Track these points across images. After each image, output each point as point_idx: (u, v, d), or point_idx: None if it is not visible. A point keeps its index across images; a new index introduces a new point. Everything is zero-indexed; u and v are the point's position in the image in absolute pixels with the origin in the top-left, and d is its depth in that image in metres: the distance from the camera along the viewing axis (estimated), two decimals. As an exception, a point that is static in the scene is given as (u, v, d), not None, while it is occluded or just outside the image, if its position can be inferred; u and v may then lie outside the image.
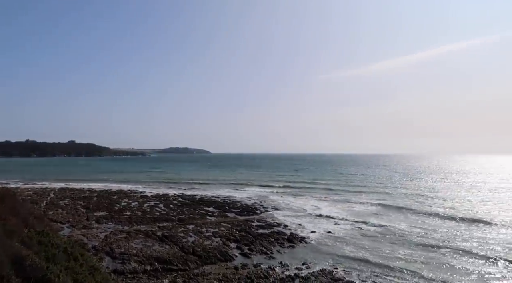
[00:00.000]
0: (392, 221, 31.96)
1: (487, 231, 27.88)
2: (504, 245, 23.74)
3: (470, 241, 24.81)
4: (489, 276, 17.93)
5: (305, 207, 40.88)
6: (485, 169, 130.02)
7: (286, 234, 27.02)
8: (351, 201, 44.23)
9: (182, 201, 44.51)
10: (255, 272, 18.19)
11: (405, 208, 38.62)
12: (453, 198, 47.07)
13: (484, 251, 22.16)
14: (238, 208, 39.10)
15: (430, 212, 36.06)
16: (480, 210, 37.78)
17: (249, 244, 23.69)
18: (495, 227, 29.23)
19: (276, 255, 21.75)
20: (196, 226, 29.33)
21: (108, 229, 27.76)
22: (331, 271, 18.54)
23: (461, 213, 35.24)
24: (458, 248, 22.86)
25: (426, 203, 42.46)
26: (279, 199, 47.33)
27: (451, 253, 21.98)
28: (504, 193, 53.18)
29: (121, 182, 72.78)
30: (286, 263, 19.82)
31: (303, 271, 18.63)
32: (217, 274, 17.78)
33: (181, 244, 23.15)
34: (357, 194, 51.58)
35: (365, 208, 39.44)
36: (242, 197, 48.76)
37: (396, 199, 45.93)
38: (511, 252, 22.14)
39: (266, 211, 38.02)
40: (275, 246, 23.70)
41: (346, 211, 37.84)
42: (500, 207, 39.96)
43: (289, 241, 24.98)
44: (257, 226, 30.02)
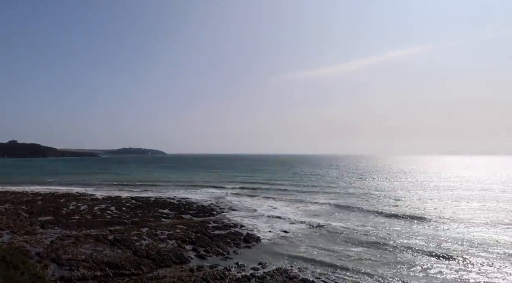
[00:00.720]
0: (344, 220, 33.10)
1: (429, 228, 29.70)
2: (445, 240, 25.42)
3: (414, 238, 26.27)
4: (433, 271, 19.06)
5: (261, 207, 41.21)
6: (430, 168, 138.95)
7: (242, 234, 27.05)
8: (305, 201, 45.22)
9: (136, 203, 43.05)
10: (211, 273, 18.01)
11: (356, 207, 40.05)
12: (399, 197, 49.70)
13: (427, 247, 23.57)
14: (194, 210, 38.54)
15: (377, 210, 37.70)
16: (422, 207, 40.18)
17: (205, 245, 23.42)
18: (436, 224, 31.15)
19: (233, 255, 21.69)
20: (150, 228, 28.48)
21: (54, 235, 26.12)
22: (286, 270, 18.81)
23: (405, 211, 37.21)
24: (404, 245, 24.10)
25: (374, 202, 44.43)
26: (236, 200, 47.33)
27: (397, 249, 23.16)
28: (445, 192, 57.09)
29: (69, 185, 68.94)
30: (242, 264, 19.82)
31: (259, 271, 18.74)
32: (172, 277, 17.38)
33: (134, 248, 22.35)
34: (311, 194, 52.93)
35: (319, 208, 40.51)
36: (198, 198, 48.15)
37: (347, 199, 47.64)
38: (452, 247, 23.78)
39: (223, 212, 37.84)
40: (232, 246, 23.64)
41: (301, 211, 38.68)
42: (440, 204, 42.79)
43: (246, 241, 25.03)
44: (214, 227, 29.78)
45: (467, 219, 32.52)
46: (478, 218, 33.08)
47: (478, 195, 51.09)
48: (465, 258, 20.87)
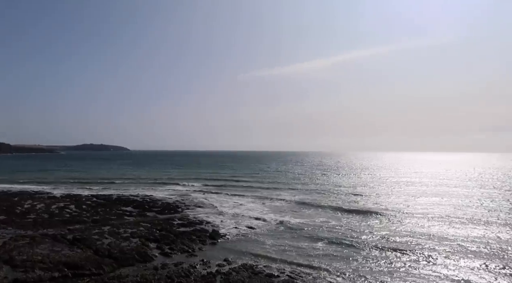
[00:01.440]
0: (308, 216, 33.76)
1: (388, 222, 30.82)
2: (403, 235, 26.44)
3: (374, 233, 27.16)
4: (393, 265, 19.81)
5: (226, 204, 41.19)
6: (392, 164, 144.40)
7: (208, 231, 26.91)
8: (271, 197, 45.70)
9: (97, 201, 41.59)
10: (176, 271, 17.78)
11: (320, 203, 40.96)
12: (360, 192, 51.28)
13: (386, 242, 24.49)
14: (158, 207, 37.83)
15: (340, 206, 38.61)
16: (381, 202, 41.69)
17: (170, 243, 23.07)
18: (394, 218, 32.28)
19: (198, 252, 21.53)
20: (112, 227, 27.63)
21: (7, 235, 24.67)
22: (252, 266, 18.93)
23: (365, 207, 38.51)
24: (365, 240, 24.92)
25: (337, 198, 45.57)
26: (201, 197, 46.99)
27: (359, 245, 23.83)
28: (404, 187, 59.63)
29: (23, 183, 65.32)
30: (207, 260, 19.73)
31: (225, 267, 18.74)
32: (135, 276, 16.98)
33: (95, 247, 21.60)
34: (277, 190, 53.58)
35: (284, 204, 41.04)
36: (163, 196, 47.33)
37: (311, 195, 48.59)
38: (411, 241, 24.80)
39: (188, 209, 37.43)
40: (197, 243, 23.45)
41: (267, 207, 39.05)
42: (399, 199, 44.59)
43: (211, 238, 24.93)
44: (179, 224, 29.41)
45: (423, 214, 34.00)
46: (433, 212, 34.67)
47: (434, 191, 53.76)
48: (422, 251, 21.80)
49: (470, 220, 30.82)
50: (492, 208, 37.51)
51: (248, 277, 17.26)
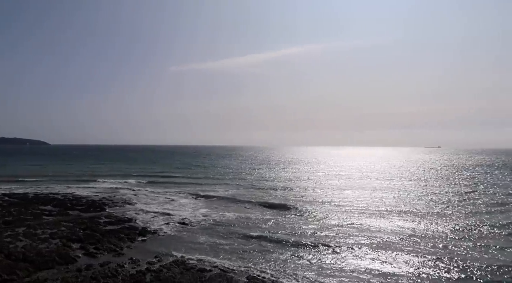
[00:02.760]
0: (240, 212, 34.07)
1: (316, 217, 31.88)
2: (327, 228, 27.57)
3: (299, 227, 28.07)
4: (315, 260, 20.66)
5: (158, 199, 40.04)
6: (320, 159, 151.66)
7: (137, 228, 25.91)
8: (204, 193, 45.29)
9: (10, 200, 37.62)
10: (102, 271, 16.85)
11: (251, 198, 41.26)
12: (290, 187, 53.20)
13: (311, 236, 25.47)
14: (83, 205, 35.41)
15: (268, 201, 38.84)
16: (308, 196, 43.79)
17: (96, 242, 21.75)
18: (319, 212, 33.75)
19: (126, 251, 20.63)
20: (28, 228, 25.22)
21: None
22: (183, 261, 18.69)
23: (293, 201, 39.73)
24: (291, 235, 25.77)
25: (268, 193, 46.08)
26: (131, 193, 45.02)
27: (286, 240, 24.42)
28: (332, 180, 63.20)
29: None
30: (137, 259, 19.00)
31: (155, 264, 18.23)
32: (55, 280, 15.74)
33: (7, 251, 19.54)
34: (209, 186, 53.26)
35: (216, 199, 40.93)
36: (88, 193, 44.38)
37: (243, 190, 49.14)
38: (335, 235, 26.13)
39: (116, 206, 35.64)
40: (126, 242, 22.45)
41: (200, 203, 38.79)
42: (324, 192, 47.16)
43: (141, 235, 24.06)
44: (105, 222, 27.86)
45: (349, 207, 35.90)
46: (358, 205, 36.66)
47: (358, 183, 57.67)
48: (347, 244, 22.65)
49: (391, 212, 32.78)
50: (410, 199, 40.64)
51: (179, 273, 17.00)
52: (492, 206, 35.78)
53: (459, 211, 32.91)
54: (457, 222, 28.16)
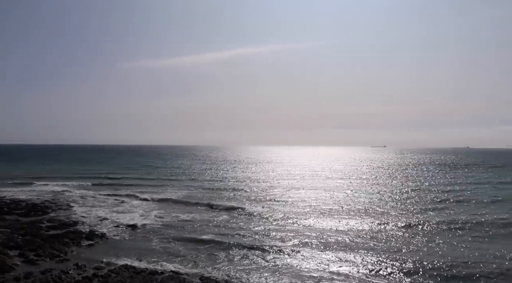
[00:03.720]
0: (191, 214, 32.83)
1: (265, 218, 30.67)
2: (275, 231, 26.72)
3: (250, 230, 27.52)
4: (261, 263, 20.39)
5: (106, 202, 38.39)
6: (272, 158, 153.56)
7: (84, 232, 24.62)
8: (154, 194, 43.96)
9: None
10: (44, 279, 15.79)
11: (203, 200, 39.55)
12: (241, 188, 52.95)
13: (260, 240, 24.88)
14: (22, 209, 32.95)
15: (220, 204, 37.39)
16: (260, 197, 43.96)
17: (37, 248, 20.30)
18: (271, 215, 32.37)
19: (72, 256, 19.50)
20: (-43, 235, 22.96)
21: None
22: (133, 265, 18.06)
23: (244, 203, 39.05)
24: (242, 238, 25.54)
25: (219, 194, 44.88)
26: (77, 195, 42.66)
27: (237, 244, 23.85)
28: (283, 180, 64.31)
29: None
30: (83, 264, 18.02)
31: (103, 269, 17.41)
32: (-11, 291, 14.49)
33: None
34: (160, 187, 51.70)
35: (167, 201, 39.71)
36: (29, 196, 41.36)
37: (195, 191, 47.85)
38: (279, 237, 25.98)
39: (60, 209, 33.61)
40: (71, 246, 21.23)
41: (150, 205, 37.75)
42: (277, 192, 47.92)
43: (88, 239, 22.89)
44: (48, 227, 26.15)
45: (298, 207, 36.23)
46: (308, 205, 36.91)
47: (309, 183, 59.21)
48: (294, 246, 22.47)
49: (343, 211, 33.34)
50: (360, 198, 41.78)
51: (129, 277, 16.39)
52: (436, 203, 38.14)
53: (407, 209, 34.60)
54: (406, 220, 29.38)
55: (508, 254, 20.15)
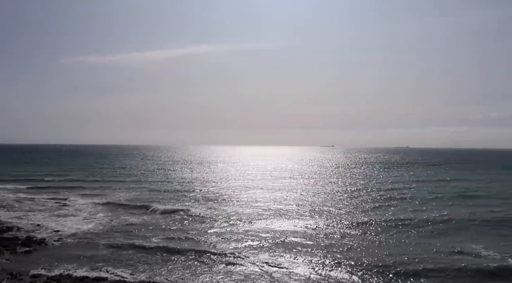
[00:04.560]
0: (139, 217, 31.48)
1: (215, 221, 29.54)
2: (210, 236, 25.83)
3: (197, 235, 27.43)
4: (202, 269, 20.12)
5: (47, 205, 35.76)
6: (231, 158, 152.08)
7: (20, 238, 22.62)
8: (100, 196, 41.71)
9: None
10: (-29, 292, 14.15)
11: (151, 203, 37.14)
12: (193, 189, 52.29)
13: (198, 244, 24.36)
14: None
15: (168, 207, 35.15)
16: (210, 198, 43.03)
17: (-37, 258, 18.24)
18: (220, 216, 31.36)
19: (6, 264, 17.77)
20: None
21: None
22: (75, 272, 16.85)
23: (199, 205, 38.19)
24: (190, 241, 23.99)
25: (167, 196, 42.72)
26: (11, 198, 39.23)
27: (184, 248, 22.98)
28: (240, 180, 63.90)
29: None
30: (18, 272, 16.46)
31: (42, 277, 16.02)
32: None
33: None
34: (107, 189, 48.77)
35: (114, 204, 37.42)
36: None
37: (145, 193, 45.89)
38: (228, 241, 25.51)
39: (-8, 214, 30.58)
40: (4, 254, 19.38)
41: (95, 208, 35.64)
42: (228, 194, 47.41)
43: (25, 246, 21.02)
44: (-23, 234, 23.63)
45: (248, 208, 35.56)
46: (258, 206, 36.02)
47: (260, 184, 59.40)
48: (247, 248, 22.07)
49: (292, 212, 33.05)
50: (310, 198, 41.97)
51: (71, 285, 15.21)
52: (382, 201, 39.65)
53: (356, 207, 35.59)
54: (355, 218, 30.08)
55: (449, 249, 21.42)
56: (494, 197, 42.51)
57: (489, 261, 19.02)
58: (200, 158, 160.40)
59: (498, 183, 58.05)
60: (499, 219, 29.56)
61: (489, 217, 30.38)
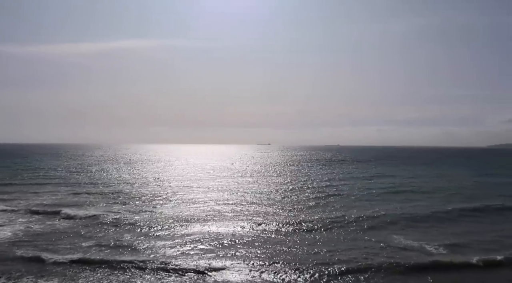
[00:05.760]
0: (64, 224, 29.06)
1: (141, 226, 29.57)
2: (141, 245, 25.81)
3: (125, 241, 25.73)
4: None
5: None
6: (162, 157, 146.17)
7: None
8: (13, 201, 36.96)
9: None
10: None
11: (68, 210, 35.02)
12: (121, 192, 49.17)
13: (130, 254, 23.48)
14: None
15: (102, 213, 34.78)
16: (138, 200, 40.80)
17: None
18: (147, 221, 31.35)
19: None
20: None
21: None
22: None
23: (126, 211, 36.45)
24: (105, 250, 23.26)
25: (97, 199, 39.28)
26: None
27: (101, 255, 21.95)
28: (171, 181, 61.37)
29: None
30: None
31: None
32: None
33: None
34: (23, 193, 43.35)
35: (26, 211, 32.41)
36: None
37: (71, 197, 41.46)
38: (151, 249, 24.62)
39: None
40: None
41: (6, 214, 31.33)
42: (157, 195, 45.12)
43: None
44: None
45: (184, 212, 34.64)
46: (195, 209, 35.25)
47: (197, 184, 57.70)
48: (185, 256, 21.72)
49: (234, 214, 32.17)
50: (251, 198, 41.21)
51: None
52: (318, 199, 39.92)
53: (294, 206, 35.62)
54: (293, 217, 29.94)
55: (380, 242, 22.40)
56: (418, 192, 45.85)
57: (416, 253, 20.28)
58: (136, 157, 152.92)
59: (420, 179, 63.03)
60: (424, 214, 31.41)
61: (415, 211, 32.43)
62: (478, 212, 32.78)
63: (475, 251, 20.71)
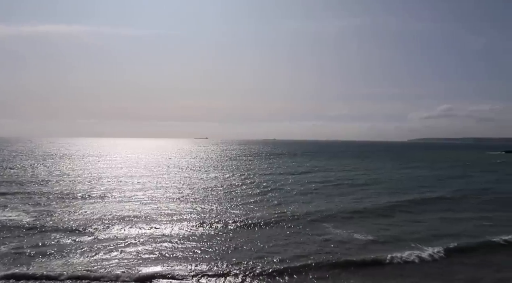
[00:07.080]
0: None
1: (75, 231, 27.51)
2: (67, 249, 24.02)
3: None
4: None
5: None
6: (97, 151, 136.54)
7: None
8: None
9: None
10: None
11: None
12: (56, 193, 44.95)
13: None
14: None
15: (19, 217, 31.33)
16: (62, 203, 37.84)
17: None
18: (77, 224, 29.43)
19: None
20: None
21: None
22: None
23: (55, 218, 33.44)
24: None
25: (16, 201, 36.26)
26: None
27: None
28: (110, 178, 57.18)
29: None
30: None
31: None
32: None
33: None
34: None
35: None
36: None
37: None
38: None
39: None
40: None
41: None
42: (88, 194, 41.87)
43: None
44: None
45: (112, 213, 32.55)
46: (121, 210, 33.67)
47: (136, 181, 54.45)
48: (112, 265, 20.09)
49: (169, 212, 31.29)
50: (189, 194, 40.37)
51: None
52: (259, 194, 39.36)
53: (235, 202, 34.56)
54: (235, 215, 28.85)
55: (320, 237, 22.40)
56: (354, 185, 47.81)
57: (353, 244, 20.64)
58: (61, 151, 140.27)
59: (353, 172, 66.14)
60: (361, 207, 32.32)
61: (352, 204, 33.33)
62: (413, 204, 34.17)
63: (408, 243, 21.29)
